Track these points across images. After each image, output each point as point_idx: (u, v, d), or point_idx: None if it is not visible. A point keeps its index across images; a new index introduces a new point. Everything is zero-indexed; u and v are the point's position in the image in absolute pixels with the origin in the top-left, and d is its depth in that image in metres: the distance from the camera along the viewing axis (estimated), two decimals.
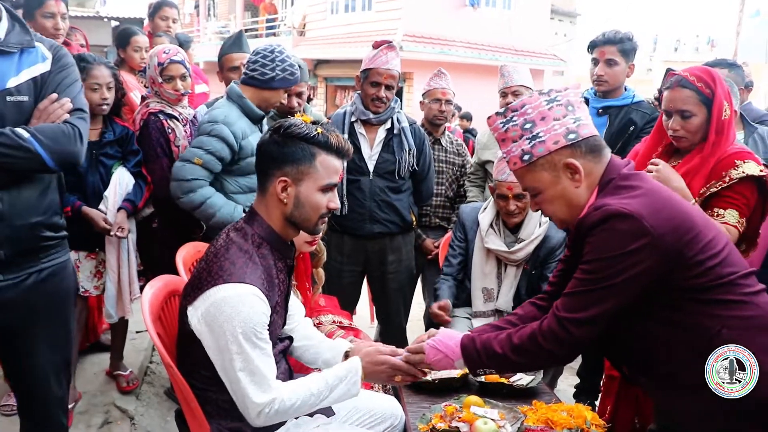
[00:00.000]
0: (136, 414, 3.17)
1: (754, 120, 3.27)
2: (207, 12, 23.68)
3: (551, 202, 1.73)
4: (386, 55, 3.16)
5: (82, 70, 2.83)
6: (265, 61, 2.89)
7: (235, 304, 1.70)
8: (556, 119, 1.66)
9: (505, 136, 1.73)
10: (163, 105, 3.10)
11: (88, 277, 3.04)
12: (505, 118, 1.73)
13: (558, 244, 3.04)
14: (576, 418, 2.14)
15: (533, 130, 1.68)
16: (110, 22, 9.55)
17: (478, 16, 14.94)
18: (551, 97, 1.70)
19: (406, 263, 3.47)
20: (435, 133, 3.83)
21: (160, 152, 3.05)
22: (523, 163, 1.70)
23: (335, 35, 15.68)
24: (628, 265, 1.54)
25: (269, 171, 1.85)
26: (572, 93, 1.71)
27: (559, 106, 1.68)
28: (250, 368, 1.73)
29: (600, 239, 1.57)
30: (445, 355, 1.82)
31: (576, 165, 1.66)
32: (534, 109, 1.68)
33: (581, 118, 1.68)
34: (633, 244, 1.53)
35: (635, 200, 1.58)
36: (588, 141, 1.67)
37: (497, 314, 3.05)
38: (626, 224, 1.53)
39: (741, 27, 16.38)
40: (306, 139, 1.82)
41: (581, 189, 1.69)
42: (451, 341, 1.83)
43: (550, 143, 1.66)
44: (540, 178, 1.71)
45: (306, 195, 1.84)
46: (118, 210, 2.98)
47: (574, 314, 1.62)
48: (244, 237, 1.84)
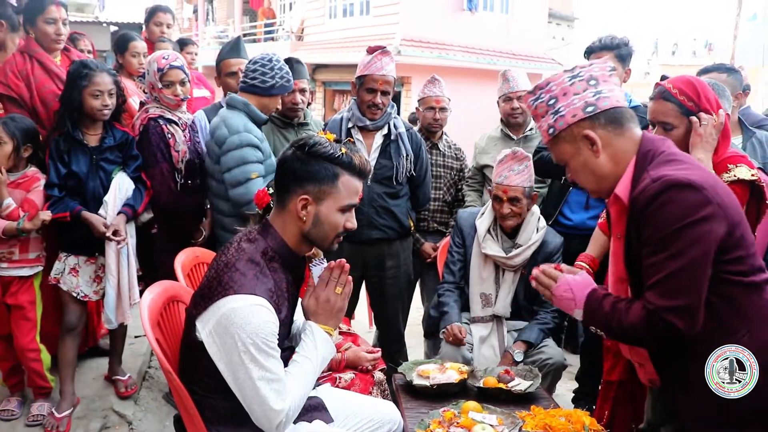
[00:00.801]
0: (134, 419, 3.17)
1: (752, 124, 3.29)
2: (206, 17, 23.72)
3: (577, 172, 1.82)
4: (381, 60, 3.16)
5: (85, 77, 2.85)
6: (265, 70, 3.00)
7: (245, 315, 1.70)
8: (576, 94, 1.74)
9: (535, 112, 1.84)
10: (162, 110, 3.11)
11: (87, 281, 3.03)
12: (534, 96, 1.83)
13: (555, 249, 3.05)
14: (574, 423, 2.15)
15: (555, 105, 1.77)
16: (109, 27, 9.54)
17: (476, 20, 14.96)
18: (574, 73, 1.78)
19: (405, 268, 3.48)
20: (432, 138, 3.84)
21: (160, 157, 3.06)
22: (549, 136, 1.81)
23: (333, 40, 15.70)
24: (700, 234, 1.55)
25: (290, 187, 1.84)
26: (597, 67, 1.78)
27: (581, 81, 1.75)
28: (268, 376, 1.73)
29: (665, 211, 1.57)
30: (571, 298, 1.81)
31: (592, 136, 1.72)
32: (557, 86, 1.77)
33: (603, 91, 1.73)
34: (700, 212, 1.55)
35: (691, 172, 1.60)
36: (608, 113, 1.72)
37: (495, 320, 3.05)
38: (690, 194, 1.55)
39: (738, 30, 16.44)
40: (330, 159, 1.82)
41: (602, 160, 1.74)
42: (583, 288, 1.82)
43: (568, 116, 1.74)
44: (564, 150, 1.80)
45: (326, 214, 1.84)
46: (118, 214, 2.98)
47: (667, 303, 1.58)
48: (257, 249, 1.84)
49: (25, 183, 2.93)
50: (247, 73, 3.03)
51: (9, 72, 3.12)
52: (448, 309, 3.05)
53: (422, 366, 2.66)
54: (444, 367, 2.63)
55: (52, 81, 3.18)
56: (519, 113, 3.74)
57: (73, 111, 2.88)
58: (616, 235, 1.84)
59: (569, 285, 1.83)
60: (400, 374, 2.63)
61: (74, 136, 2.91)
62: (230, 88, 3.57)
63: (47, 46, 3.21)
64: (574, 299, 1.81)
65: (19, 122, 2.89)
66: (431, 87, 3.83)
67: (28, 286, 2.97)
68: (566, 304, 1.84)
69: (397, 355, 3.45)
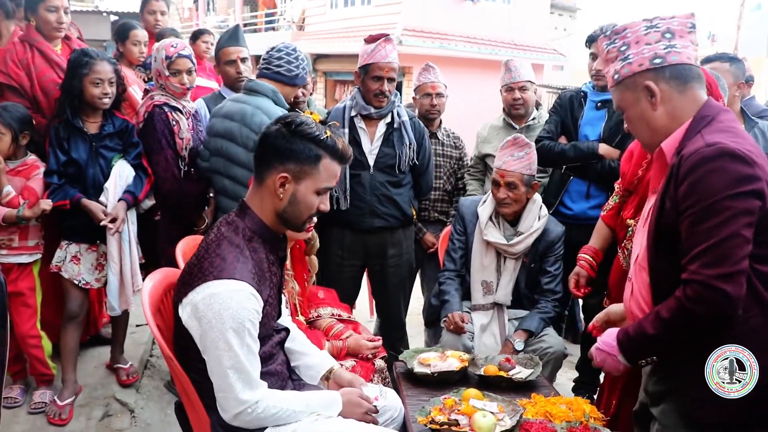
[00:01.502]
0: (136, 407, 3.18)
1: (755, 115, 3.27)
2: (206, 6, 23.63)
3: (632, 122, 1.82)
4: (384, 48, 3.15)
5: (85, 65, 2.85)
6: (290, 59, 2.99)
7: (224, 300, 1.71)
8: (648, 44, 1.74)
9: (607, 57, 1.84)
10: (167, 98, 3.09)
11: (89, 269, 3.04)
12: (609, 40, 1.82)
13: (557, 238, 3.05)
14: (575, 411, 2.16)
15: (626, 52, 1.77)
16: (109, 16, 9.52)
17: (478, 10, 14.90)
18: (652, 23, 1.76)
19: (407, 257, 3.47)
20: (431, 127, 3.83)
21: (165, 144, 3.04)
22: (614, 81, 1.81)
23: (334, 30, 15.64)
24: (747, 206, 1.54)
25: (271, 163, 1.85)
26: (677, 21, 1.76)
27: (656, 32, 1.74)
28: (238, 366, 1.74)
29: (714, 178, 1.55)
30: (608, 354, 1.80)
31: (653, 88, 1.71)
32: (633, 33, 1.77)
33: (675, 45, 1.72)
34: (749, 185, 1.54)
35: (747, 146, 1.59)
36: (675, 68, 1.72)
37: (496, 307, 3.05)
38: (742, 166, 1.54)
39: (742, 21, 16.32)
40: (315, 141, 1.83)
41: (659, 113, 1.74)
42: (610, 338, 1.81)
43: (635, 65, 1.74)
44: (625, 97, 1.80)
45: (303, 194, 1.86)
46: (118, 201, 2.98)
47: (718, 270, 1.55)
48: (236, 231, 1.85)
49: (25, 171, 2.94)
50: (270, 60, 2.98)
51: (9, 61, 3.11)
52: (449, 297, 3.05)
53: (423, 354, 2.66)
54: (445, 355, 2.63)
55: (53, 70, 3.17)
56: (520, 104, 3.73)
57: (74, 99, 2.89)
58: (652, 191, 1.86)
59: (601, 348, 1.82)
60: (401, 362, 2.63)
61: (74, 123, 2.91)
62: (229, 76, 3.53)
63: (48, 34, 3.20)
64: (610, 353, 1.79)
65: (13, 111, 2.89)
66: (426, 74, 3.82)
67: (27, 273, 2.98)
68: (611, 362, 1.81)
69: (398, 343, 3.46)
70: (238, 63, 3.48)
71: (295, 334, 2.22)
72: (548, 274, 3.05)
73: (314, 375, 2.16)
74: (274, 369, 1.99)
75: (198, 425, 1.92)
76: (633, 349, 1.76)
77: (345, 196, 3.21)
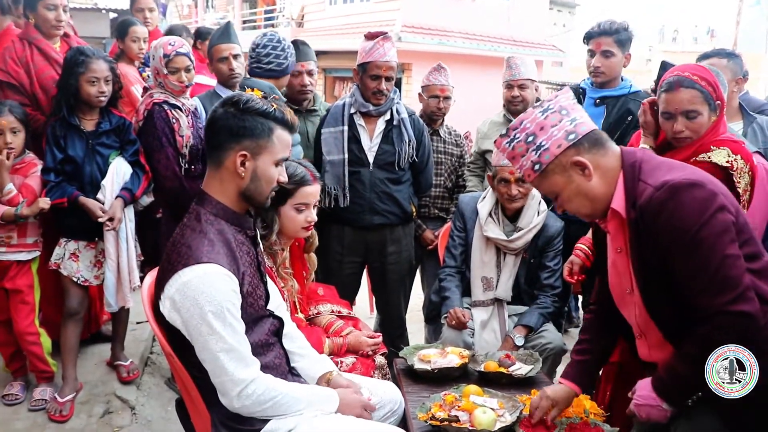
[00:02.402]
0: (136, 404, 3.19)
1: (753, 110, 3.27)
2: (205, 3, 23.58)
3: (571, 200, 1.82)
4: (383, 46, 3.15)
5: (81, 63, 2.86)
6: (277, 52, 3.01)
7: (197, 285, 1.72)
8: (554, 125, 1.76)
9: (513, 153, 1.83)
10: (166, 95, 3.08)
11: (87, 266, 3.05)
12: (509, 137, 1.83)
13: (556, 233, 3.06)
14: (575, 407, 2.16)
15: (536, 141, 1.78)
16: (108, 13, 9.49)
17: (477, 6, 14.88)
18: (544, 107, 1.80)
19: (406, 254, 3.48)
20: (433, 125, 3.83)
21: (165, 142, 3.02)
22: (535, 172, 1.80)
23: (334, 26, 15.62)
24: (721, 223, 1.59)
25: (226, 145, 1.86)
26: (563, 98, 1.81)
27: (553, 113, 1.78)
28: (226, 347, 1.75)
29: (680, 215, 1.60)
30: (650, 406, 1.78)
31: (583, 161, 1.74)
32: (532, 122, 1.79)
33: (576, 118, 1.77)
34: (713, 204, 1.59)
35: (686, 172, 1.64)
36: (589, 136, 1.76)
37: (496, 303, 3.06)
38: (697, 191, 1.60)
39: (741, 17, 16.32)
40: (264, 114, 1.86)
41: (594, 181, 1.76)
42: (646, 391, 1.79)
43: (553, 148, 1.75)
44: (554, 182, 1.80)
45: (263, 169, 1.89)
46: (116, 198, 2.98)
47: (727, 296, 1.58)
48: (197, 218, 1.86)
49: (23, 168, 2.95)
50: (259, 59, 2.98)
51: (8, 59, 3.12)
52: (449, 294, 3.06)
53: (423, 350, 2.67)
54: (445, 351, 2.64)
55: (52, 67, 3.17)
56: (519, 101, 3.72)
57: (70, 97, 2.89)
58: (615, 250, 1.86)
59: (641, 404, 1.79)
60: (401, 358, 2.64)
61: (70, 121, 2.91)
62: (222, 73, 3.39)
63: (47, 32, 3.20)
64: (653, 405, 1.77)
65: (17, 108, 2.92)
66: (437, 75, 3.81)
67: (26, 270, 2.99)
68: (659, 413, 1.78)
69: (398, 340, 3.46)
70: (231, 60, 3.34)
71: (295, 335, 2.22)
72: (548, 269, 3.06)
73: (312, 377, 2.16)
74: (272, 362, 1.98)
75: (199, 422, 1.93)
76: (673, 392, 1.76)
77: (344, 193, 3.21)
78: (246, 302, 1.85)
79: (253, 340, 1.88)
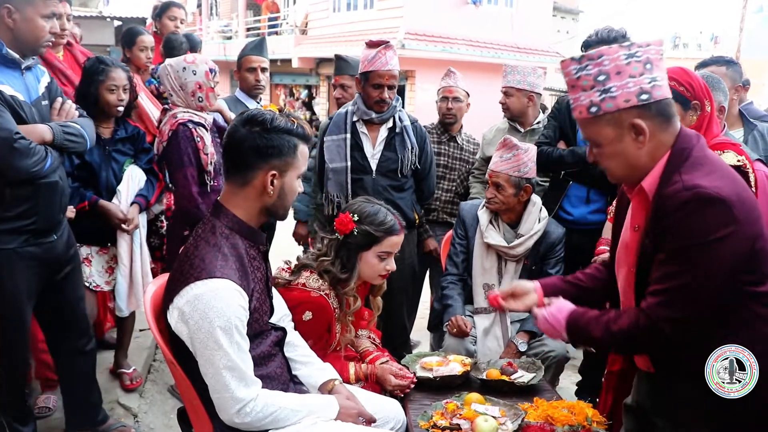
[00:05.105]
0: (139, 411, 3.20)
1: (754, 119, 3.27)
2: (209, 11, 23.67)
3: (610, 157, 1.69)
4: (385, 55, 3.16)
5: (101, 72, 2.92)
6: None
7: (208, 300, 1.72)
8: (632, 76, 1.60)
9: (575, 83, 1.67)
10: (190, 114, 3.06)
11: (99, 272, 3.08)
12: (580, 65, 1.66)
13: (558, 240, 3.06)
14: (577, 415, 2.16)
15: (606, 83, 1.62)
16: (113, 22, 9.56)
17: (480, 13, 14.89)
18: (631, 51, 1.61)
19: (409, 261, 3.47)
20: (451, 131, 3.91)
21: (186, 161, 3.00)
22: (589, 114, 1.66)
23: (337, 34, 15.65)
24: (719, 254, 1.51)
25: (255, 165, 1.86)
26: (653, 50, 1.63)
27: (638, 62, 1.60)
28: (230, 364, 1.75)
29: (690, 223, 1.53)
30: (553, 327, 1.82)
31: (643, 126, 1.61)
32: (611, 62, 1.61)
33: (657, 79, 1.61)
34: (723, 230, 1.50)
35: (724, 182, 1.54)
36: (660, 104, 1.62)
37: (498, 311, 3.05)
38: (718, 210, 1.50)
39: (745, 23, 16.31)
40: (290, 132, 1.87)
41: (643, 151, 1.64)
42: (560, 315, 1.81)
43: (620, 100, 1.60)
44: (603, 132, 1.66)
45: (290, 185, 1.91)
46: (131, 204, 3.04)
47: (668, 313, 1.58)
48: (212, 231, 1.86)
49: None
50: None
51: None
52: (451, 302, 3.06)
53: (425, 358, 2.67)
54: (447, 359, 2.64)
55: (55, 76, 3.17)
56: (505, 108, 3.80)
57: (90, 105, 2.90)
58: (632, 227, 1.78)
59: (547, 319, 1.83)
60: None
61: None
62: (248, 82, 3.79)
63: None
64: (556, 328, 1.81)
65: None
66: (446, 78, 3.96)
67: None
68: (553, 334, 1.85)
69: (401, 348, 3.46)
70: (258, 72, 3.74)
71: (297, 343, 2.22)
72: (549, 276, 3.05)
73: (314, 385, 2.16)
74: (273, 372, 1.98)
75: (201, 431, 1.93)
76: (577, 337, 1.82)
77: (347, 200, 3.22)
78: (252, 317, 1.85)
79: (256, 353, 1.89)
